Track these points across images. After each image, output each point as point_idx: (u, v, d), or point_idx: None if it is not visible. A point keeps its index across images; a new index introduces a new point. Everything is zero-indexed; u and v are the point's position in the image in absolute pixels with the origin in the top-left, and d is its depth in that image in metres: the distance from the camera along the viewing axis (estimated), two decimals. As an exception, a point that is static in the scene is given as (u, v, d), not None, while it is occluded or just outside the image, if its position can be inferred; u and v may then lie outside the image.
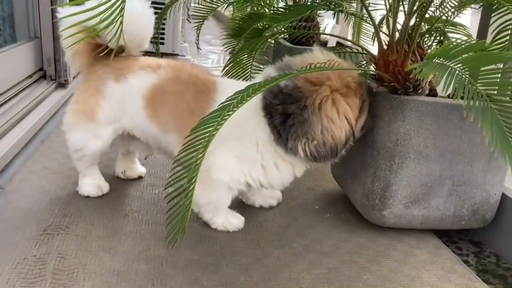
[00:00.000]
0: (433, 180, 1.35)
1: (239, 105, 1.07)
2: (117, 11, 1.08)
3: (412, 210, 1.38)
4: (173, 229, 1.05)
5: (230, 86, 1.15)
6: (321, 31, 2.57)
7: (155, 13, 1.47)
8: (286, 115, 1.20)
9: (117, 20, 1.09)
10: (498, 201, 1.42)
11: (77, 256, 1.19)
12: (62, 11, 1.34)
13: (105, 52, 1.27)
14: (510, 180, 1.45)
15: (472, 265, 1.37)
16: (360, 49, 1.60)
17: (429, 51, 1.41)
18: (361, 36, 2.43)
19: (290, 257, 1.28)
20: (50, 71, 2.28)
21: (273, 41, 2.62)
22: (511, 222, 1.41)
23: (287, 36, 2.62)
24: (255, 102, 1.21)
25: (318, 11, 2.44)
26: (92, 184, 1.49)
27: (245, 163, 1.29)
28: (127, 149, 1.61)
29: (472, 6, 1.51)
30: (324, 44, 2.53)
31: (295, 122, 1.19)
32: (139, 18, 1.38)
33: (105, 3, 1.06)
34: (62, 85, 2.34)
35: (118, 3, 1.08)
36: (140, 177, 1.67)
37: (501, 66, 1.16)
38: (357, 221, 1.49)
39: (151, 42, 1.59)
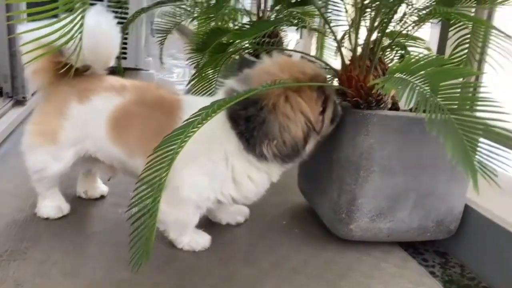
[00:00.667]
0: (398, 193, 1.36)
1: (203, 122, 1.06)
2: (77, 26, 1.05)
3: (378, 223, 1.39)
4: (137, 252, 1.02)
5: (196, 104, 1.14)
6: (285, 46, 2.59)
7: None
8: (248, 119, 1.19)
9: (76, 36, 1.07)
10: (462, 212, 1.44)
11: (35, 283, 1.13)
12: (21, 27, 1.30)
13: (69, 70, 1.23)
14: (472, 191, 1.48)
15: (438, 276, 1.38)
16: (323, 64, 1.61)
17: (390, 65, 1.43)
18: (325, 51, 2.45)
19: (259, 275, 1.26)
20: (6, 88, 2.20)
21: (237, 56, 2.63)
22: (474, 232, 1.44)
23: (251, 51, 2.62)
24: (220, 115, 1.20)
25: (282, 26, 2.46)
26: (51, 205, 1.44)
27: (215, 180, 1.27)
28: (89, 170, 1.56)
29: (431, 21, 1.54)
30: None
31: (256, 125, 1.18)
32: (105, 37, 1.36)
33: (64, 18, 1.03)
34: (20, 102, 2.26)
35: (78, 18, 1.05)
36: (102, 197, 1.62)
37: (461, 80, 1.19)
38: (325, 235, 1.49)
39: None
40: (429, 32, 1.93)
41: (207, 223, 1.51)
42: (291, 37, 2.74)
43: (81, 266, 1.21)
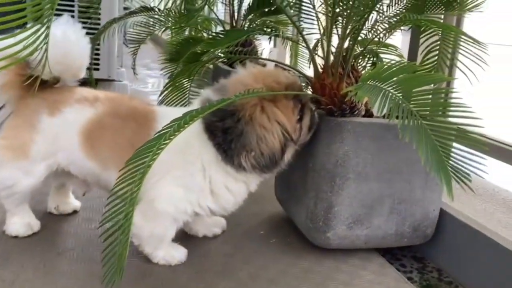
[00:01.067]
0: (374, 200, 1.36)
1: (176, 133, 1.04)
2: (42, 37, 1.03)
3: (356, 231, 1.38)
4: (111, 269, 0.99)
5: (170, 115, 1.12)
6: (258, 55, 2.58)
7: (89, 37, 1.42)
8: (225, 131, 1.18)
9: (41, 47, 1.04)
10: (437, 216, 1.45)
11: (4, 304, 1.09)
12: None
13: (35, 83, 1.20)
14: (447, 195, 1.49)
15: (416, 281, 1.38)
16: (297, 72, 1.62)
17: (363, 72, 1.44)
18: (299, 59, 2.46)
19: (237, 287, 1.24)
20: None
21: (211, 65, 2.62)
22: (450, 236, 1.45)
23: (225, 60, 2.61)
24: (196, 125, 1.18)
25: (256, 35, 2.46)
26: (21, 222, 1.39)
27: (192, 192, 1.24)
28: (62, 184, 1.52)
29: (402, 28, 1.56)
30: (263, 66, 2.54)
31: (233, 137, 1.17)
32: (73, 48, 1.33)
33: (29, 28, 1.00)
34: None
35: (43, 29, 1.02)
36: (75, 212, 1.58)
37: (432, 87, 1.20)
38: (302, 244, 1.48)
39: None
40: (400, 40, 1.96)
41: (183, 236, 1.48)
42: (265, 45, 2.74)
43: (52, 285, 1.17)
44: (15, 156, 1.31)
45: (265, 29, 2.33)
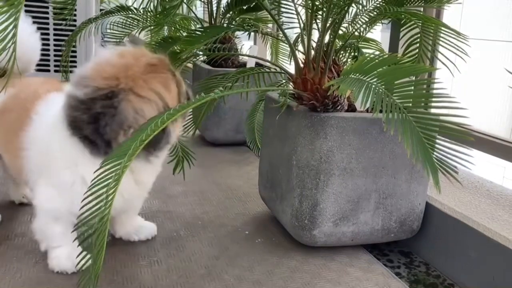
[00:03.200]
0: (359, 195, 1.34)
1: (154, 132, 1.00)
2: (9, 36, 0.99)
3: (342, 227, 1.36)
4: (85, 275, 0.94)
5: (56, 101, 1.11)
6: (238, 52, 2.55)
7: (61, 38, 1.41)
8: (96, 120, 1.08)
9: (9, 47, 1.00)
10: (423, 210, 1.44)
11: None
12: None
13: None
14: (432, 189, 1.48)
15: (404, 276, 1.37)
16: (278, 69, 1.59)
17: (344, 67, 1.41)
18: (280, 55, 2.44)
19: (222, 290, 1.20)
20: None
21: (192, 64, 2.58)
22: (436, 230, 1.44)
23: (205, 58, 2.57)
24: (57, 124, 1.13)
25: (235, 32, 2.43)
26: None
27: (64, 190, 1.16)
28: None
29: (382, 21, 1.55)
30: (243, 65, 2.51)
31: (108, 121, 1.07)
32: (23, 41, 1.29)
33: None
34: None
35: (10, 28, 0.99)
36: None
37: (414, 78, 1.18)
38: (288, 243, 1.45)
39: (60, 70, 1.52)
40: (380, 36, 1.95)
41: (169, 237, 1.44)
42: (245, 43, 2.71)
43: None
44: None
45: (243, 25, 2.30)
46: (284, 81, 1.75)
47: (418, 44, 1.46)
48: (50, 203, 1.18)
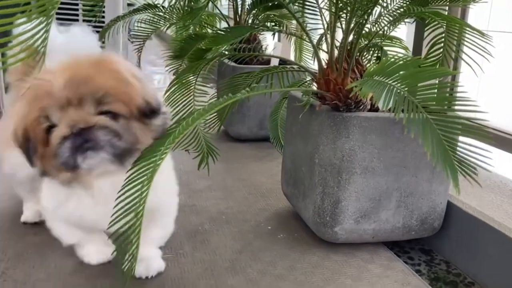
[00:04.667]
0: (381, 194, 1.36)
1: (184, 132, 1.05)
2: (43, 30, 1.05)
3: (363, 225, 1.39)
4: (123, 269, 1.00)
5: None
6: (263, 50, 2.58)
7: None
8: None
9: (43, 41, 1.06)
10: (444, 209, 1.45)
11: (17, 304, 1.11)
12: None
13: None
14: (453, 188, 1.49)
15: (424, 274, 1.39)
16: (302, 68, 1.62)
17: (368, 66, 1.43)
18: (303, 53, 2.46)
19: (245, 284, 1.25)
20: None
21: (217, 61, 2.62)
22: (457, 229, 1.45)
23: (230, 56, 2.61)
24: None
25: (259, 31, 2.46)
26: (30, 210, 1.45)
27: (57, 193, 1.13)
28: None
29: (406, 20, 1.55)
30: (267, 61, 2.54)
31: None
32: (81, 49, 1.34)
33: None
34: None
35: (42, 31, 1.05)
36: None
37: (437, 81, 1.19)
38: (310, 239, 1.48)
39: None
40: (405, 33, 1.95)
41: (190, 233, 1.50)
42: (270, 40, 2.74)
43: (63, 284, 1.19)
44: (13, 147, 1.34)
45: (268, 24, 2.32)
46: (308, 78, 1.77)
47: (442, 44, 1.47)
48: (48, 203, 1.18)
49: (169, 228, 1.29)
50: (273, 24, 2.47)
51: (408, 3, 1.46)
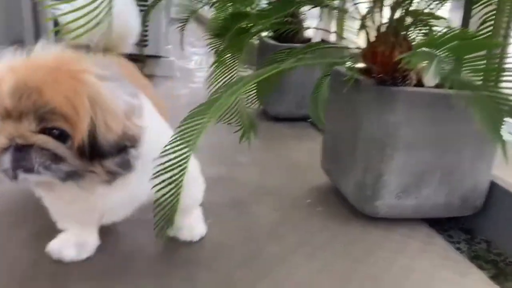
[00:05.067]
0: (423, 170, 1.36)
1: (229, 98, 1.08)
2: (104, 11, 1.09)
3: (404, 200, 1.39)
4: (161, 220, 1.05)
5: None
6: (306, 26, 2.58)
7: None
8: None
9: (103, 20, 1.09)
10: (487, 188, 1.44)
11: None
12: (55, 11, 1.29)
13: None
14: (497, 168, 1.47)
15: (464, 251, 1.38)
16: (344, 43, 1.62)
17: (415, 42, 1.42)
18: (346, 31, 2.44)
19: (285, 252, 1.27)
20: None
21: (257, 39, 2.63)
22: (499, 209, 1.43)
23: (271, 34, 2.62)
24: None
25: (301, 8, 2.45)
26: None
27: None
28: None
29: (454, -1, 1.53)
30: (308, 40, 2.54)
31: None
32: (130, 20, 1.33)
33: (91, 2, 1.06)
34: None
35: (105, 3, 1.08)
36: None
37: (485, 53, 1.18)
38: (349, 213, 1.50)
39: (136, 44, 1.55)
40: (450, 12, 1.92)
41: (231, 200, 1.53)
42: (311, 18, 2.73)
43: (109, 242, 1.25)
44: None
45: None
46: (350, 57, 1.77)
47: (491, 22, 1.44)
48: None
49: (198, 194, 1.28)
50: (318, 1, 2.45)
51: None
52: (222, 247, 1.27)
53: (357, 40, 1.66)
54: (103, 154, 0.87)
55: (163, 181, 1.01)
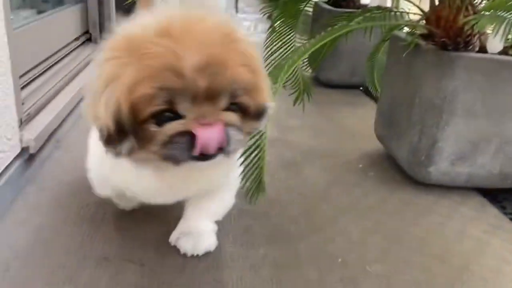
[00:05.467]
0: (480, 138, 1.35)
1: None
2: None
3: (458, 168, 1.39)
4: (253, 184, 1.10)
5: None
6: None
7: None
8: None
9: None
10: (546, 160, 1.41)
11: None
12: None
13: None
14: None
15: (517, 223, 1.38)
16: (406, 9, 1.59)
17: (482, 5, 1.39)
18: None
19: (337, 210, 1.31)
20: (95, 35, 2.33)
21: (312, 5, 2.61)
22: (558, 182, 1.41)
23: (326, 0, 2.59)
24: None
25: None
26: None
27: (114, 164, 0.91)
28: None
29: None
30: (363, 6, 2.50)
31: None
32: None
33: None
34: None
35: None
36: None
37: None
38: (401, 179, 1.51)
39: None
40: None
41: (287, 163, 1.57)
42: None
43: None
44: None
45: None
46: (411, 22, 1.74)
47: None
48: (96, 168, 1.09)
49: (228, 203, 1.10)
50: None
51: None
52: (276, 204, 1.32)
53: (418, 4, 1.63)
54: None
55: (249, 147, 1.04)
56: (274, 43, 1.92)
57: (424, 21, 1.40)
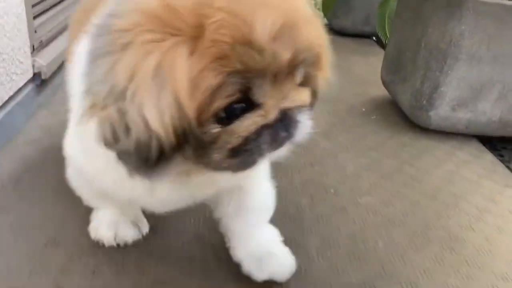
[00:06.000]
0: (482, 83, 1.36)
1: None
2: None
3: (458, 113, 1.41)
4: None
5: None
6: None
7: None
8: None
9: None
10: (548, 110, 1.42)
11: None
12: None
13: None
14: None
15: (512, 169, 1.40)
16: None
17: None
18: None
19: (336, 148, 1.35)
20: None
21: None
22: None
23: None
24: None
25: None
26: None
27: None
28: None
29: None
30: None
31: None
32: None
33: None
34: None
35: None
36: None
37: None
38: (403, 122, 1.54)
39: None
40: None
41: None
42: None
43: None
44: None
45: None
46: None
47: None
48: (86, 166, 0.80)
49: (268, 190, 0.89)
50: None
51: None
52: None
53: None
54: None
55: None
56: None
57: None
